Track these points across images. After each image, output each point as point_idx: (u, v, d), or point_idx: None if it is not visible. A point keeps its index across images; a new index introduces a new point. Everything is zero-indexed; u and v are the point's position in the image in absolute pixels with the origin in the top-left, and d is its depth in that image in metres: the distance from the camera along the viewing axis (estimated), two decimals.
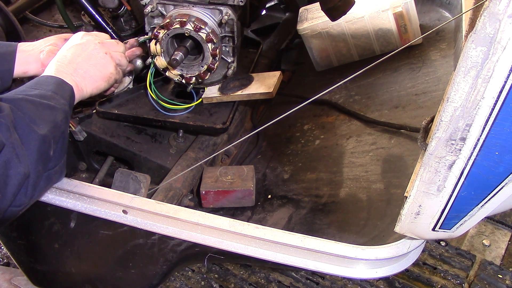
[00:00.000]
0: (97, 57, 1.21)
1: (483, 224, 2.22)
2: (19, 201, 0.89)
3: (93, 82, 1.19)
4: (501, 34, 0.66)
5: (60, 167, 1.03)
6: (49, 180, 0.99)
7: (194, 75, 1.46)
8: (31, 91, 1.00)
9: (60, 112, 1.00)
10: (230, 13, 1.40)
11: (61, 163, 1.03)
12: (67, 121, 1.03)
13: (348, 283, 1.99)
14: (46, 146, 0.93)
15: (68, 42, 1.23)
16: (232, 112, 1.54)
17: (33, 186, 0.90)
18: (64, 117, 1.01)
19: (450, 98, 0.74)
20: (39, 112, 0.95)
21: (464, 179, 0.84)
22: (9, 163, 0.82)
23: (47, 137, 0.93)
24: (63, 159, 1.04)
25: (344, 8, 1.44)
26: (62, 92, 1.05)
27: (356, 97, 1.74)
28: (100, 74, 1.20)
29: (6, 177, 0.82)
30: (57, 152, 0.99)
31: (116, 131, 1.58)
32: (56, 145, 0.98)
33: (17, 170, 0.84)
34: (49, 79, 1.07)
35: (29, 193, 0.90)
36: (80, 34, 1.25)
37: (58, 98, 1.02)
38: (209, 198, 1.46)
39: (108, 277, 1.39)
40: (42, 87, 1.03)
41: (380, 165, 1.42)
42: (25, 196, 0.89)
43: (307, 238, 1.05)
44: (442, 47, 1.75)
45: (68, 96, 1.06)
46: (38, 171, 0.91)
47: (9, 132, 0.83)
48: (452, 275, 1.98)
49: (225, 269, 2.07)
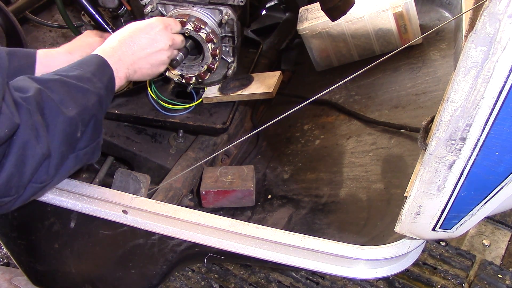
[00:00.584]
0: (155, 46, 1.19)
1: (483, 224, 2.22)
2: (40, 178, 0.91)
3: (141, 71, 1.19)
4: (501, 34, 0.66)
5: (91, 148, 1.03)
6: (78, 160, 1.00)
7: (194, 75, 1.46)
8: (72, 71, 1.01)
9: (93, 95, 1.00)
10: (230, 13, 1.40)
11: (93, 144, 1.03)
12: (100, 105, 1.03)
13: (348, 283, 1.99)
14: (72, 128, 0.95)
15: (130, 24, 1.21)
16: (232, 112, 1.54)
17: (55, 166, 0.93)
18: (96, 100, 1.01)
19: (450, 98, 0.74)
20: (71, 94, 0.96)
21: (464, 179, 0.84)
22: (27, 144, 0.85)
23: (74, 119, 0.94)
24: (97, 141, 1.04)
25: (344, 8, 1.44)
26: (101, 75, 1.05)
27: (356, 97, 1.74)
28: (151, 63, 1.20)
29: (24, 156, 0.85)
30: (87, 134, 1.00)
31: (116, 131, 1.58)
32: (85, 127, 0.98)
33: (35, 151, 0.86)
34: (94, 59, 1.07)
35: (52, 172, 0.93)
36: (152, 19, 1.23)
37: (96, 81, 1.02)
38: (209, 198, 1.46)
39: (108, 277, 1.39)
40: (83, 67, 1.03)
41: (380, 165, 1.42)
42: (47, 174, 0.92)
43: (307, 238, 1.05)
44: (442, 47, 1.75)
45: (106, 80, 1.06)
46: (62, 152, 0.93)
47: (28, 114, 0.85)
48: (452, 275, 1.98)
49: (225, 269, 2.07)
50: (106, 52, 1.11)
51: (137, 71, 1.17)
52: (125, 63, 1.13)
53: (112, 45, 1.13)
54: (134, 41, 1.16)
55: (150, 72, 1.21)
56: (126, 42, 1.14)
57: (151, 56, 1.19)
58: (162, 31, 1.21)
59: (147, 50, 1.17)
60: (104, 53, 1.11)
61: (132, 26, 1.20)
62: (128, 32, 1.17)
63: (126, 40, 1.15)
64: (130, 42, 1.15)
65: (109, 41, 1.16)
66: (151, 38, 1.18)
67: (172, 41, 1.25)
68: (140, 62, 1.17)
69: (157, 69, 1.23)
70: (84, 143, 1.00)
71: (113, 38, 1.16)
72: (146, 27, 1.19)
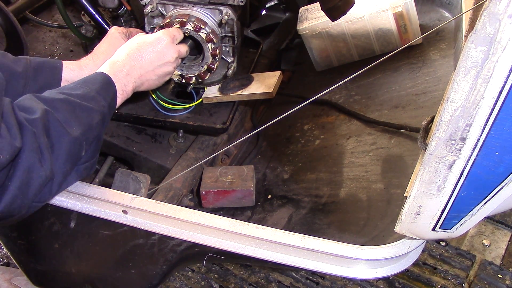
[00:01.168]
0: (163, 59, 1.22)
1: (483, 224, 2.22)
2: (43, 198, 0.93)
3: (148, 83, 1.23)
4: (501, 34, 0.66)
5: (91, 163, 1.06)
6: (78, 175, 1.03)
7: (194, 75, 1.46)
8: (77, 89, 1.02)
9: (97, 114, 1.02)
10: (230, 13, 1.40)
11: (93, 160, 1.06)
12: (103, 123, 1.05)
13: (348, 283, 1.99)
14: (77, 148, 0.96)
15: (138, 37, 1.24)
16: (232, 112, 1.54)
17: (58, 185, 0.95)
18: (100, 119, 1.03)
19: (450, 98, 0.74)
20: (76, 114, 0.97)
21: (464, 179, 0.84)
22: (32, 167, 0.86)
23: (78, 139, 0.96)
24: (96, 158, 1.08)
25: (344, 8, 1.44)
26: (105, 93, 1.06)
27: (356, 97, 1.74)
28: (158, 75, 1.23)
29: (28, 179, 0.86)
30: (90, 152, 1.02)
31: (116, 131, 1.59)
32: (89, 146, 1.01)
33: (39, 174, 0.88)
34: (99, 77, 1.09)
35: (54, 191, 0.95)
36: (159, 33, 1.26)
37: (100, 99, 1.04)
38: (209, 198, 1.46)
39: (108, 277, 1.39)
40: (88, 85, 1.05)
41: (380, 165, 1.42)
42: (50, 194, 0.94)
43: (307, 238, 1.05)
44: (442, 47, 1.75)
45: (109, 98, 1.08)
46: (65, 171, 0.95)
47: (34, 137, 0.86)
48: (452, 275, 1.98)
49: (225, 269, 2.07)
50: (115, 66, 1.13)
51: (144, 83, 1.21)
52: (133, 77, 1.16)
53: (121, 59, 1.15)
54: (142, 56, 1.18)
55: (157, 83, 1.26)
56: (135, 57, 1.17)
57: (158, 69, 1.22)
58: (169, 45, 1.24)
59: (154, 63, 1.21)
60: (113, 68, 1.13)
61: (139, 39, 1.22)
62: (136, 46, 1.19)
63: (134, 55, 1.17)
64: (138, 56, 1.18)
65: (118, 55, 1.17)
66: (159, 51, 1.21)
67: (178, 53, 1.28)
68: (147, 75, 1.20)
69: (163, 79, 1.27)
70: (85, 159, 1.02)
71: (121, 51, 1.18)
72: (154, 41, 1.22)
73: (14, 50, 1.63)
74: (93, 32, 1.76)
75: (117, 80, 1.11)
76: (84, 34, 1.76)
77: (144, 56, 1.18)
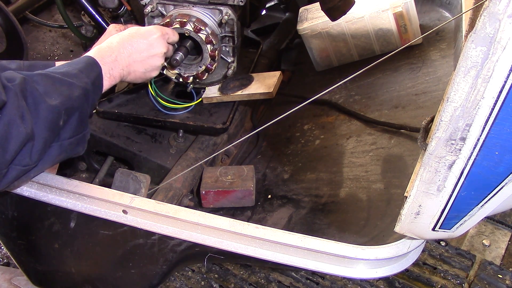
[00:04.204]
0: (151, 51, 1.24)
1: (483, 224, 2.22)
2: (23, 161, 0.94)
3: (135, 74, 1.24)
4: (501, 34, 0.66)
5: (77, 139, 1.06)
6: (63, 150, 1.03)
7: (191, 75, 1.46)
8: (59, 68, 1.05)
9: (78, 88, 1.03)
10: (230, 13, 1.40)
11: (78, 136, 1.06)
12: (86, 98, 1.05)
13: (348, 283, 1.99)
14: (55, 116, 0.97)
15: (130, 28, 1.27)
16: (232, 112, 1.54)
17: (38, 151, 0.96)
18: (81, 93, 1.03)
19: (450, 98, 0.74)
20: (55, 86, 0.99)
21: (464, 179, 0.84)
22: (12, 122, 0.88)
23: (57, 107, 0.97)
24: (83, 134, 1.08)
25: (344, 8, 1.44)
26: (88, 71, 1.08)
27: (356, 97, 1.74)
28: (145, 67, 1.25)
29: (8, 134, 0.88)
30: (71, 125, 1.03)
31: (116, 131, 1.58)
32: (68, 117, 1.01)
33: (19, 130, 0.89)
34: (83, 58, 1.11)
35: (34, 157, 0.95)
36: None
37: (82, 76, 1.05)
38: (209, 198, 1.46)
39: (108, 277, 1.39)
40: (72, 65, 1.07)
41: (380, 165, 1.42)
42: (29, 158, 0.94)
43: (307, 238, 1.05)
44: (442, 47, 1.75)
45: (93, 76, 1.09)
46: (45, 138, 0.96)
47: (15, 96, 0.90)
48: (452, 275, 1.98)
49: (225, 269, 2.07)
50: (103, 50, 1.16)
51: (131, 73, 1.22)
52: (120, 64, 1.17)
53: (110, 45, 1.18)
54: (132, 44, 1.20)
55: (143, 76, 1.27)
56: (124, 44, 1.19)
57: (146, 61, 1.24)
58: (159, 38, 1.26)
59: (143, 54, 1.23)
60: (101, 52, 1.15)
61: (132, 30, 1.25)
62: (127, 35, 1.22)
63: (124, 42, 1.20)
64: (128, 44, 1.20)
65: (109, 41, 1.20)
66: (148, 43, 1.24)
67: (167, 48, 1.30)
68: (135, 65, 1.22)
69: (150, 74, 1.29)
70: (68, 133, 1.03)
71: (113, 38, 1.20)
72: (145, 33, 1.25)
73: (14, 50, 1.63)
74: (93, 32, 1.76)
75: (104, 63, 1.13)
76: (84, 34, 1.76)
77: (133, 45, 1.20)
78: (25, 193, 1.25)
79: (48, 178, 1.21)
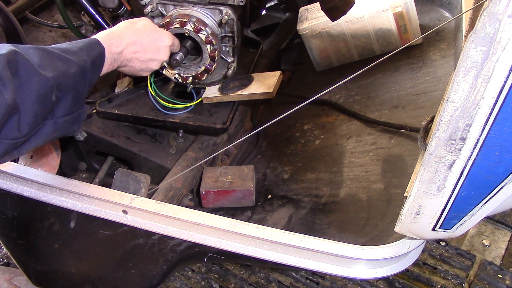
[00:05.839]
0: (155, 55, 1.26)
1: (483, 224, 2.22)
2: (11, 134, 0.90)
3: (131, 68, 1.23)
4: (501, 34, 0.66)
5: (72, 118, 1.03)
6: (57, 127, 1.00)
7: (191, 75, 1.46)
8: (60, 45, 1.03)
9: (75, 66, 1.00)
10: (230, 13, 1.40)
11: (73, 114, 1.03)
12: (83, 76, 1.02)
13: (348, 283, 1.99)
14: (47, 90, 0.94)
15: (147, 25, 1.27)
16: (232, 112, 1.54)
17: (28, 124, 0.92)
18: (78, 71, 1.01)
19: (450, 98, 0.74)
20: (51, 60, 0.96)
21: (464, 179, 0.84)
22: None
23: (49, 81, 0.94)
24: (78, 113, 1.05)
25: (344, 8, 1.44)
26: (89, 50, 1.06)
27: (356, 97, 1.74)
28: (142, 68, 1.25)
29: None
30: (66, 102, 0.99)
31: (116, 131, 1.58)
32: (62, 93, 0.98)
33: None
34: (88, 39, 1.10)
35: (24, 130, 0.91)
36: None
37: (82, 54, 1.03)
38: (209, 198, 1.46)
39: (108, 277, 1.39)
40: (73, 44, 1.05)
41: (380, 165, 1.42)
42: (18, 131, 0.90)
43: (307, 238, 1.05)
44: (442, 47, 1.75)
45: (94, 55, 1.07)
46: (35, 112, 0.92)
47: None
48: (452, 275, 1.98)
49: (225, 269, 2.07)
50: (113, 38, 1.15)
51: (127, 67, 1.22)
52: (123, 57, 1.17)
53: (121, 35, 1.18)
54: (142, 44, 1.22)
55: (135, 73, 1.28)
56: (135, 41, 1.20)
57: (146, 62, 1.25)
58: (167, 48, 1.29)
59: (147, 55, 1.24)
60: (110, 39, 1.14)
61: (147, 25, 1.26)
62: (141, 31, 1.22)
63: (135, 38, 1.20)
64: (139, 42, 1.21)
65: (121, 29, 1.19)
66: (157, 48, 1.26)
67: (173, 41, 1.31)
68: (135, 62, 1.22)
69: (142, 73, 1.30)
70: (63, 111, 1.00)
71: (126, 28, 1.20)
72: (158, 37, 1.27)
73: None
74: (93, 32, 1.76)
75: (109, 52, 1.11)
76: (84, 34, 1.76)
77: (143, 45, 1.22)
78: (25, 193, 1.25)
79: (48, 178, 1.21)
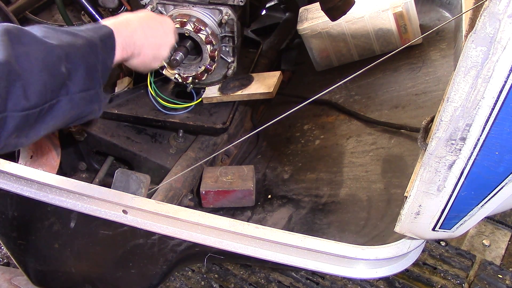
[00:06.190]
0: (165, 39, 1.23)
1: (483, 224, 2.22)
2: (19, 104, 0.83)
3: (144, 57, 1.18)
4: (501, 34, 0.66)
5: (89, 95, 0.97)
6: (74, 104, 0.94)
7: (191, 75, 1.46)
8: (65, 28, 0.99)
9: (82, 38, 0.96)
10: (230, 13, 1.40)
11: (90, 92, 0.97)
12: (92, 50, 0.97)
13: (348, 283, 1.99)
14: (54, 59, 0.89)
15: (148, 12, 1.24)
16: (232, 112, 1.54)
17: (37, 92, 0.86)
18: (85, 43, 0.96)
19: (450, 98, 0.74)
20: (56, 34, 0.92)
21: (464, 179, 0.84)
22: None
23: (55, 48, 0.89)
24: (95, 91, 0.98)
25: (344, 8, 1.44)
26: (96, 30, 1.02)
27: (356, 97, 1.74)
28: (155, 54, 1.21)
29: None
30: (78, 76, 0.94)
31: (116, 131, 1.58)
32: (72, 65, 0.92)
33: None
34: (95, 24, 1.06)
35: (33, 99, 0.86)
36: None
37: (88, 32, 0.98)
38: (209, 198, 1.46)
39: (108, 277, 1.39)
40: (79, 27, 1.01)
41: (380, 165, 1.42)
42: (26, 100, 0.84)
43: (307, 238, 1.05)
44: (442, 47, 1.75)
45: (102, 33, 1.02)
46: (43, 81, 0.87)
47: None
48: (452, 275, 1.98)
49: (225, 269, 2.07)
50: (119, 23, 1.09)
51: (141, 55, 1.16)
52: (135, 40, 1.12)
53: (127, 20, 1.13)
54: (150, 26, 1.18)
55: (149, 63, 1.21)
56: (142, 23, 1.16)
57: (158, 48, 1.20)
58: (173, 31, 1.26)
59: (157, 40, 1.20)
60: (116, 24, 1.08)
61: (148, 13, 1.23)
62: (145, 17, 1.19)
63: (142, 22, 1.16)
64: (146, 25, 1.17)
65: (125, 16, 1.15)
66: (164, 31, 1.22)
67: (174, 42, 1.29)
68: (147, 48, 1.17)
69: (155, 63, 1.23)
70: (77, 86, 0.94)
71: (129, 15, 1.16)
72: (162, 20, 1.24)
73: None
74: None
75: (119, 35, 1.06)
76: None
77: (152, 28, 1.18)
78: (25, 193, 1.25)
79: (48, 178, 1.21)
